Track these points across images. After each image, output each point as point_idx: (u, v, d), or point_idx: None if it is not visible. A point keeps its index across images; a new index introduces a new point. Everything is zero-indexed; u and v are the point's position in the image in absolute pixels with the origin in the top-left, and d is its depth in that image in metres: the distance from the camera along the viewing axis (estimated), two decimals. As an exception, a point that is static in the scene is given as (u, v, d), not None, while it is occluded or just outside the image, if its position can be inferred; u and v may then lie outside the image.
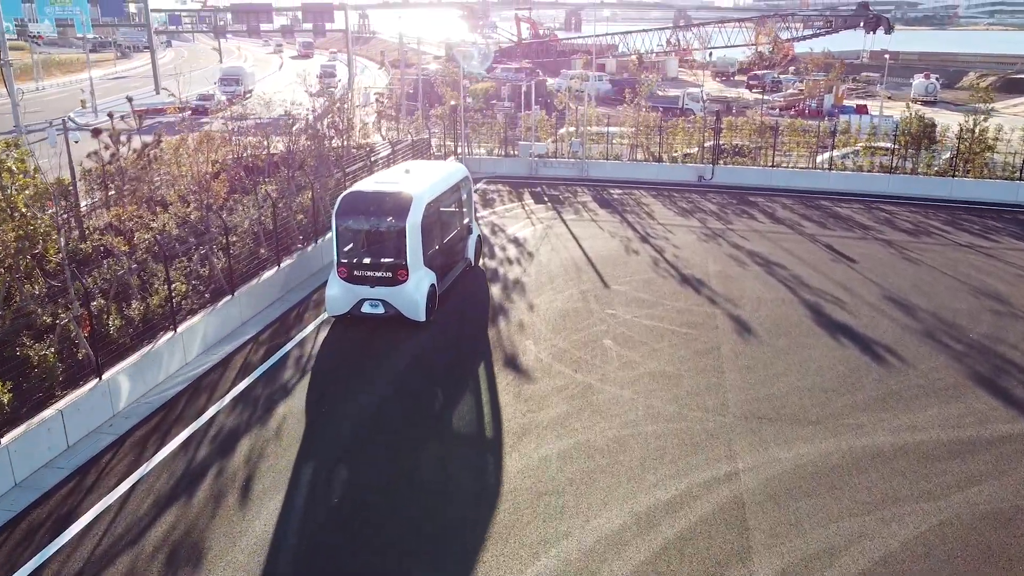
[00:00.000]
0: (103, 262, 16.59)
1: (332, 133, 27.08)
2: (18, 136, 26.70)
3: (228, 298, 17.24)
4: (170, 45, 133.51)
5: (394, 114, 39.65)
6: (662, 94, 60.93)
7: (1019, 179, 29.81)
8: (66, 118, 41.38)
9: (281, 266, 19.49)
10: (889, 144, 32.24)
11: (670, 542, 10.43)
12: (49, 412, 12.34)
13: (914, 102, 44.93)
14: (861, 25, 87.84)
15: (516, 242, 24.13)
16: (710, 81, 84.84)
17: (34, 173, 14.89)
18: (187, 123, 26.80)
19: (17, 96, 31.42)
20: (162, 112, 51.98)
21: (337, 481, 11.96)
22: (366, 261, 17.62)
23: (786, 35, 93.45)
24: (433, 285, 17.79)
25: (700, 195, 30.50)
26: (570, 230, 25.38)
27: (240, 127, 27.40)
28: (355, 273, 17.41)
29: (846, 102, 62.52)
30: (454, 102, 38.50)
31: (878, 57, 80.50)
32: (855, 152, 33.39)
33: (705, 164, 32.85)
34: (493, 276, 20.99)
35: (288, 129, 26.23)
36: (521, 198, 30.04)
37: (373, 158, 27.49)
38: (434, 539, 10.56)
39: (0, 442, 11.46)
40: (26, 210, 13.84)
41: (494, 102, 53.81)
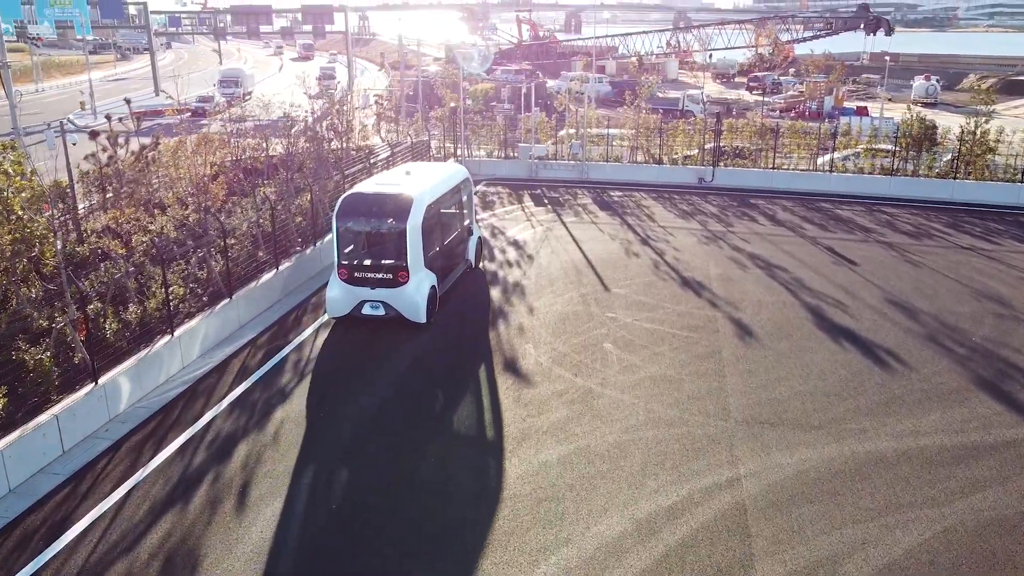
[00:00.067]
0: (100, 265, 16.50)
1: (331, 135, 26.98)
2: (15, 138, 26.56)
3: (226, 301, 17.13)
4: (170, 47, 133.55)
5: (393, 116, 39.54)
6: (662, 96, 60.80)
7: (1020, 181, 29.73)
8: (64, 120, 41.31)
9: (280, 269, 19.39)
10: (890, 146, 32.16)
11: (671, 549, 10.32)
12: (44, 417, 12.22)
13: (914, 104, 44.76)
14: (861, 27, 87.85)
15: (516, 244, 24.03)
16: (710, 83, 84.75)
17: (31, 175, 14.78)
18: (185, 125, 26.71)
19: (16, 98, 31.24)
20: (161, 114, 51.93)
21: (336, 485, 11.85)
22: (367, 263, 17.53)
23: (786, 37, 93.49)
24: (434, 287, 17.70)
25: (700, 197, 30.40)
26: (570, 232, 25.27)
27: (239, 129, 27.31)
28: (355, 275, 17.32)
29: (846, 104, 62.43)
30: (454, 104, 38.40)
31: (878, 59, 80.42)
32: (856, 154, 33.31)
33: (705, 166, 32.77)
34: (493, 279, 20.88)
35: (287, 131, 26.14)
36: (521, 200, 29.94)
37: (372, 160, 27.40)
38: (433, 543, 10.44)
39: (-5, 447, 11.35)
40: (22, 213, 13.74)
41: (494, 104, 53.68)
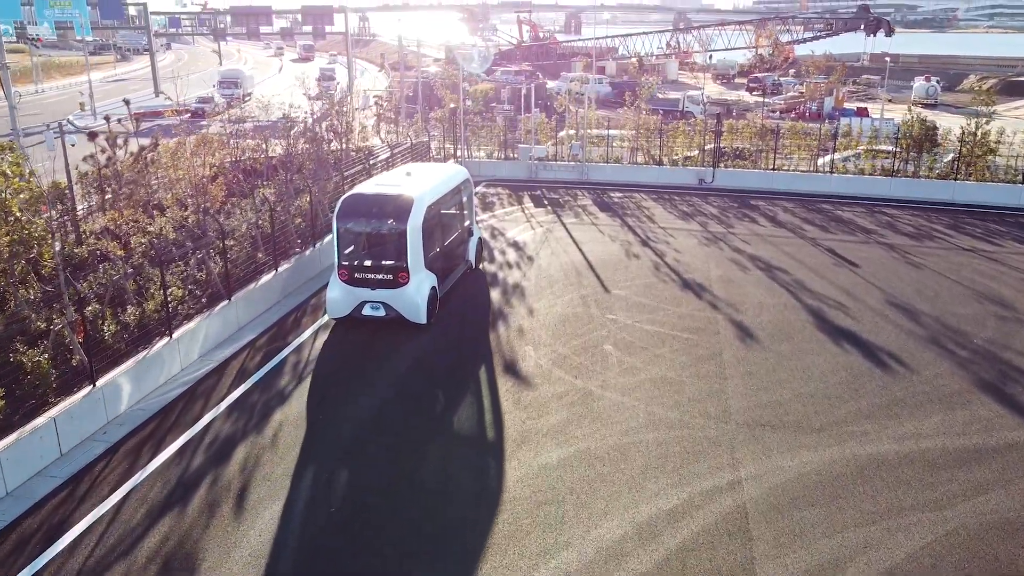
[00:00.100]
0: (99, 266, 16.44)
1: (331, 136, 26.92)
2: (14, 139, 26.51)
3: (225, 303, 17.07)
4: (169, 48, 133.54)
5: (393, 117, 39.48)
6: (662, 97, 60.82)
7: (1021, 182, 29.68)
8: (64, 121, 41.26)
9: (279, 270, 19.33)
10: (891, 147, 32.10)
11: (672, 553, 10.25)
12: (42, 419, 12.16)
13: (915, 105, 44.73)
14: (862, 28, 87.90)
15: (516, 246, 23.97)
16: (710, 84, 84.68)
17: (29, 177, 14.72)
18: (184, 126, 26.63)
19: (15, 99, 31.19)
20: (160, 115, 51.83)
21: (336, 487, 11.77)
22: (367, 263, 17.48)
23: (786, 38, 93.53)
24: (434, 287, 17.65)
25: (701, 198, 30.35)
26: (570, 234, 25.22)
27: (238, 130, 27.25)
28: (356, 275, 17.27)
29: (847, 105, 62.38)
30: (453, 105, 38.35)
31: (878, 60, 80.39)
32: (856, 155, 33.25)
33: (706, 167, 32.72)
34: (493, 280, 20.82)
35: (286, 132, 26.08)
36: (521, 201, 29.89)
37: (372, 161, 27.34)
38: (433, 543, 10.38)
39: (-8, 450, 11.30)
40: (21, 214, 13.68)
41: (494, 105, 53.61)
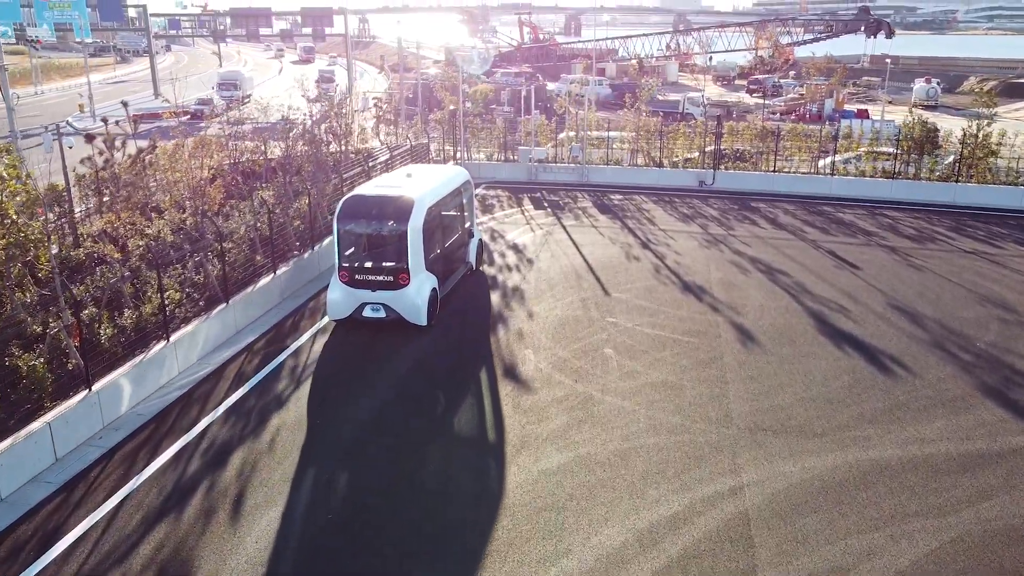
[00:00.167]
0: (96, 269, 16.33)
1: (330, 138, 26.83)
2: (11, 142, 26.42)
3: (223, 306, 16.96)
4: (169, 49, 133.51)
5: (393, 119, 39.40)
6: (662, 98, 60.76)
7: (1023, 184, 29.57)
8: (63, 123, 41.19)
9: (277, 273, 19.23)
10: (891, 149, 32.01)
11: (673, 560, 10.14)
12: (36, 424, 12.04)
13: (915, 106, 44.65)
14: (862, 29, 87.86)
15: (516, 248, 23.86)
16: (711, 85, 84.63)
17: (25, 179, 14.62)
18: (183, 128, 26.54)
19: (13, 100, 31.13)
20: (159, 116, 51.72)
21: (336, 489, 11.66)
22: (367, 265, 17.39)
23: (787, 39, 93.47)
24: (434, 289, 17.56)
25: (701, 200, 30.24)
26: (570, 236, 25.11)
27: (237, 132, 27.15)
28: (356, 277, 17.18)
29: (847, 107, 62.31)
30: (453, 106, 38.26)
31: (879, 61, 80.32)
32: (857, 157, 33.17)
33: (706, 169, 32.62)
34: (492, 282, 20.72)
35: (285, 134, 25.99)
36: (520, 203, 29.78)
37: (371, 163, 27.25)
38: (434, 544, 10.27)
39: (-14, 456, 11.18)
40: (17, 217, 13.58)
41: (493, 106, 53.57)
